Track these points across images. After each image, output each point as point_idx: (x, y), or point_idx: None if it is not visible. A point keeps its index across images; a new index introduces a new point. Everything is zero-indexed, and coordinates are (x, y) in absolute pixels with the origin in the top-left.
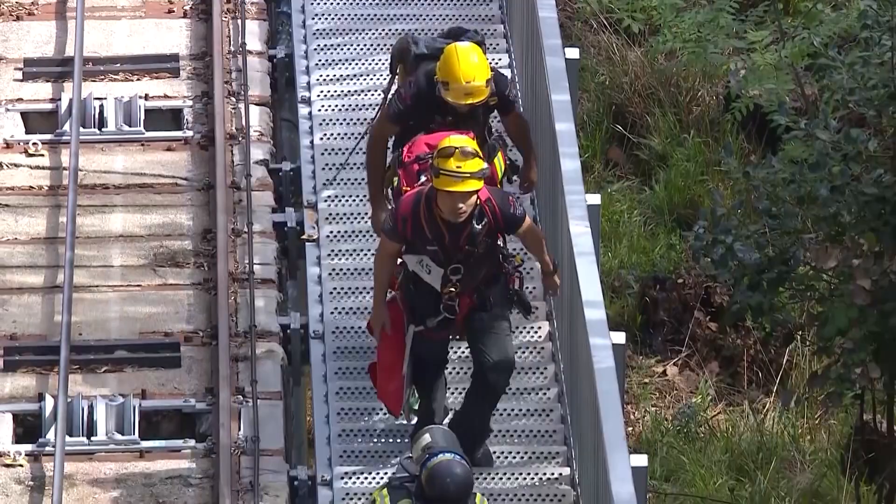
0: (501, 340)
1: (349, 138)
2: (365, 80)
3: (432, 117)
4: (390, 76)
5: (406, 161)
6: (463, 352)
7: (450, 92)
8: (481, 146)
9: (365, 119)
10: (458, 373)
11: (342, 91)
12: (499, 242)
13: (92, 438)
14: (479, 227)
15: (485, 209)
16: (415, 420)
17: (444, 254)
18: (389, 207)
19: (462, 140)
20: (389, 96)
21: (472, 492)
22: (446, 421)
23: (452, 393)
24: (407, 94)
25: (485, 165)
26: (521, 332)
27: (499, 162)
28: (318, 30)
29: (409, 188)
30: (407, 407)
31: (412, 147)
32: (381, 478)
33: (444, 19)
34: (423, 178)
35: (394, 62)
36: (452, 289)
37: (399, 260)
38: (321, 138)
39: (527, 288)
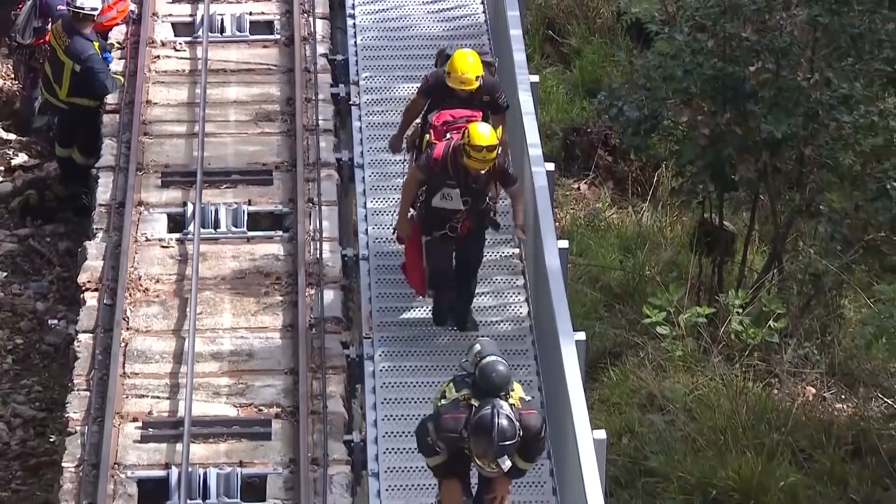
0: (479, 251)
1: (380, 40)
2: (390, 0)
3: (444, 99)
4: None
5: (436, 124)
6: None
7: (450, 78)
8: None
9: (390, 27)
10: None
11: (375, 9)
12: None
13: (217, 230)
14: (483, 171)
15: None
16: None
17: (459, 187)
18: (404, 139)
19: (489, 139)
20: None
21: (510, 380)
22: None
23: None
24: (430, 79)
25: (498, 152)
26: None
27: (500, 132)
28: None
29: (437, 141)
30: (430, 292)
31: (439, 116)
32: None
33: None
34: (448, 136)
35: (436, 60)
36: (461, 209)
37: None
38: (361, 40)
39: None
